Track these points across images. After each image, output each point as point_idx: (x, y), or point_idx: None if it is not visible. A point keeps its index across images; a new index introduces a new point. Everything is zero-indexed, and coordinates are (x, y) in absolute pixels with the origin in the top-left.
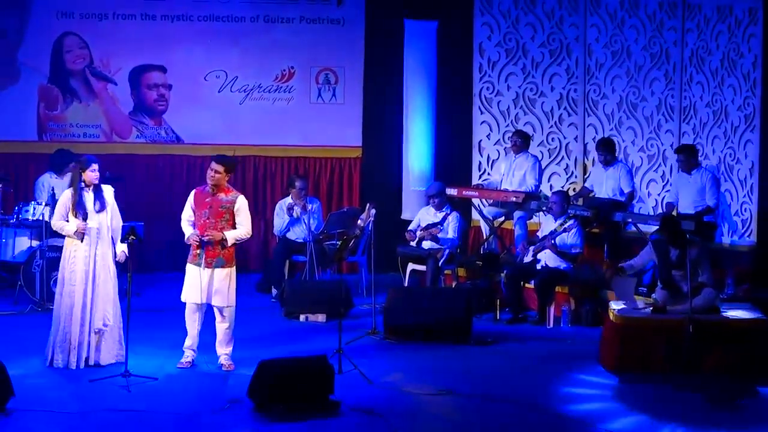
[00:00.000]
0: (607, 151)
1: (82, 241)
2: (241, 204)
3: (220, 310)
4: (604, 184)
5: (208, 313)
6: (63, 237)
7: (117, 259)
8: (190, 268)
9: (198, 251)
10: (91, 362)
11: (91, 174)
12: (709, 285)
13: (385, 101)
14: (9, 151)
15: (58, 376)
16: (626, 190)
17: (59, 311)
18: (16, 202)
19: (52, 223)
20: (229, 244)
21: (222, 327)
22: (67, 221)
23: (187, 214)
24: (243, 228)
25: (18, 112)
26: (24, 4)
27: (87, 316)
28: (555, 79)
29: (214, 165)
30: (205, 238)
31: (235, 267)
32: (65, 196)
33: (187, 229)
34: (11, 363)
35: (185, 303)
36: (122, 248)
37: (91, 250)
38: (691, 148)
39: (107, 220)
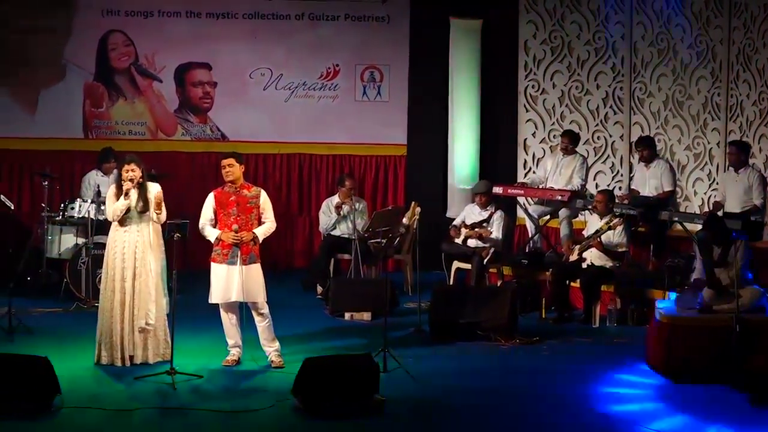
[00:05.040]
0: (644, 146)
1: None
2: (265, 198)
3: (257, 307)
4: (647, 182)
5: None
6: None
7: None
8: (219, 268)
9: (230, 250)
10: (139, 360)
11: (125, 174)
12: (755, 284)
13: (430, 99)
14: (55, 149)
15: (104, 374)
16: (667, 189)
17: (102, 308)
18: (62, 199)
19: (111, 213)
20: (260, 240)
21: (263, 323)
22: None
23: (208, 217)
24: (270, 222)
25: (64, 110)
26: (70, 2)
27: (127, 314)
28: (600, 77)
29: (224, 161)
30: (240, 242)
31: None
32: (111, 191)
33: (212, 231)
34: (57, 360)
35: (218, 305)
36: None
37: (129, 248)
38: (744, 144)
39: (149, 219)
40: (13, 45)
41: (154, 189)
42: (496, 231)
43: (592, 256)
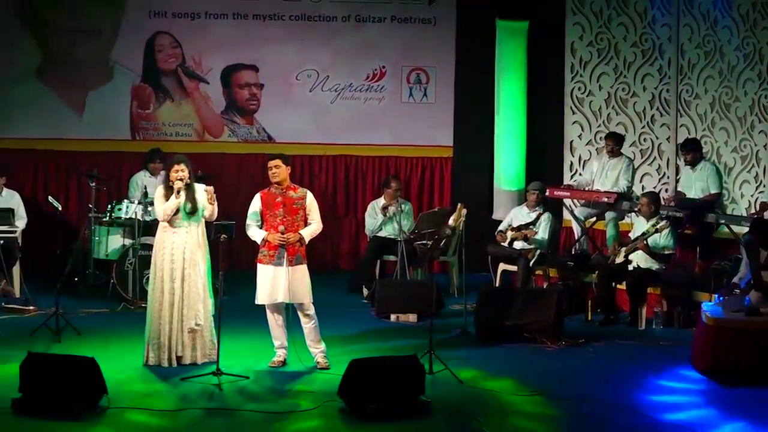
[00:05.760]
0: (687, 150)
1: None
2: (311, 199)
3: (304, 308)
4: (693, 185)
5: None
6: (154, 235)
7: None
8: (266, 270)
9: (277, 251)
10: (188, 361)
11: (174, 174)
12: None
13: (477, 101)
14: (102, 150)
15: (151, 374)
16: (713, 191)
17: (151, 309)
18: (109, 200)
19: (161, 213)
20: (306, 241)
21: (309, 325)
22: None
23: (254, 219)
24: (316, 224)
25: (111, 111)
26: (117, 3)
27: (176, 315)
28: (647, 79)
29: (271, 162)
30: (286, 243)
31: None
32: (159, 192)
33: (258, 233)
34: (104, 361)
35: (264, 306)
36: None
37: (178, 249)
38: None
39: (197, 220)
40: (60, 46)
41: (201, 190)
42: (542, 232)
43: (638, 259)
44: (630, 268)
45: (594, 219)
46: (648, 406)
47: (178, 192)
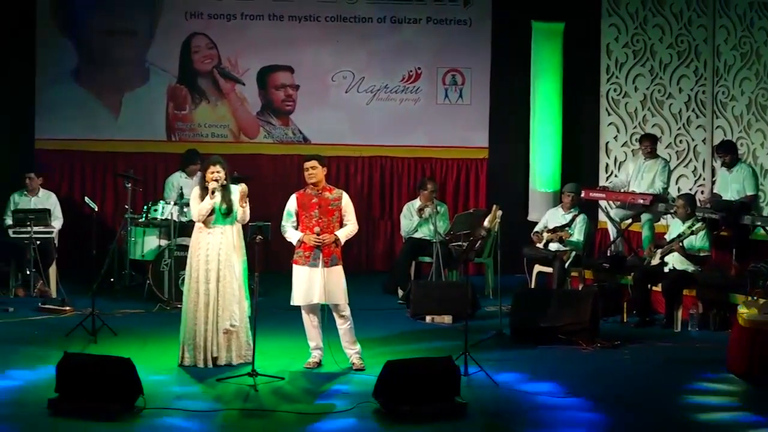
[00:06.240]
0: (724, 152)
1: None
2: (347, 201)
3: (339, 309)
4: (729, 187)
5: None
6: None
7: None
8: (301, 271)
9: (312, 252)
10: (222, 362)
11: (210, 175)
12: None
13: (512, 102)
14: (138, 151)
15: (186, 375)
16: (750, 193)
17: (186, 309)
18: (145, 201)
19: (196, 214)
20: (342, 242)
21: (345, 326)
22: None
23: (290, 220)
24: (351, 225)
25: (147, 112)
26: (154, 5)
27: (211, 316)
28: (683, 80)
29: (307, 164)
30: (322, 244)
31: None
32: (195, 192)
33: (294, 234)
34: (140, 361)
35: (300, 307)
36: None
37: (213, 250)
38: None
39: (233, 221)
40: (97, 48)
41: (237, 191)
42: (578, 234)
43: (674, 260)
44: (666, 270)
45: (629, 221)
46: (684, 409)
47: (213, 193)
